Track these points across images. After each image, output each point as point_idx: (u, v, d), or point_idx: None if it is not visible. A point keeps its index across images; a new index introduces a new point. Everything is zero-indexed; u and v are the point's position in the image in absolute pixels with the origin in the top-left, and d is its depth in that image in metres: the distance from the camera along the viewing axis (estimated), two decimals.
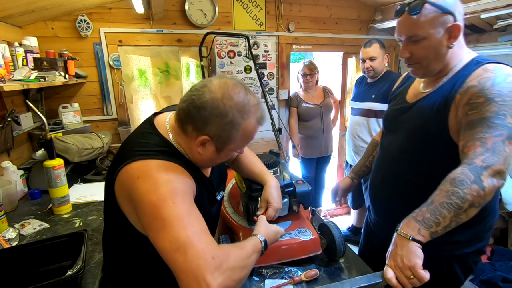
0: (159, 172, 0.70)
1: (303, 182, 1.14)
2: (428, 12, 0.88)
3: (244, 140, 0.80)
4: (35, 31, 2.09)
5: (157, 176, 0.69)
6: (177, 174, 0.73)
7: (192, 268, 0.60)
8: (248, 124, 0.77)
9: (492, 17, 2.26)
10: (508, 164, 0.76)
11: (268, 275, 1.01)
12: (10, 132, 1.68)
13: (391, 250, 0.80)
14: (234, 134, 0.76)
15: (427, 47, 0.91)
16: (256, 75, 2.66)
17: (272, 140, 2.88)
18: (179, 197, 0.69)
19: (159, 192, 0.67)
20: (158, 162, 0.72)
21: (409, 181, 1.03)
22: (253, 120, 0.78)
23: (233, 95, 0.74)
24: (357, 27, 3.09)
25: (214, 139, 0.76)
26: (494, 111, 0.78)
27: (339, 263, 1.11)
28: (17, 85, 1.36)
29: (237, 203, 1.26)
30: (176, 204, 0.67)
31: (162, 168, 0.72)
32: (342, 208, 3.53)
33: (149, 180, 0.69)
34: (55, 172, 1.37)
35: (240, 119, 0.75)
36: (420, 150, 0.98)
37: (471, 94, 0.84)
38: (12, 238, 1.17)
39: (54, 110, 2.17)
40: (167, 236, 0.64)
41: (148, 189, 0.68)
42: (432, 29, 0.89)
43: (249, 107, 0.76)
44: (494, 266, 1.93)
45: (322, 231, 1.14)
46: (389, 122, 1.16)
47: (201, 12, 2.49)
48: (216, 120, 0.73)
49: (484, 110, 0.79)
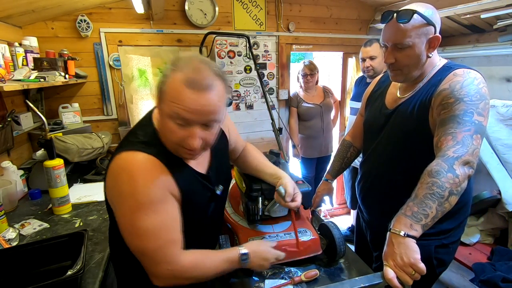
0: (140, 174, 0.72)
1: (303, 182, 1.14)
2: (416, 22, 0.94)
3: (170, 101, 0.69)
4: (35, 31, 2.09)
5: (138, 179, 0.72)
6: (156, 176, 0.74)
7: (152, 271, 0.76)
8: (174, 78, 0.69)
9: (492, 17, 2.26)
10: (475, 155, 0.83)
11: (268, 275, 1.01)
12: (10, 132, 1.68)
13: (387, 250, 0.80)
14: (163, 89, 0.71)
15: (411, 55, 0.98)
16: (256, 75, 2.66)
17: (272, 140, 2.88)
18: (153, 208, 0.73)
19: (135, 198, 0.71)
20: (143, 157, 0.74)
21: (397, 181, 1.08)
22: (180, 74, 0.68)
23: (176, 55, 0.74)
24: (357, 27, 3.09)
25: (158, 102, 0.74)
26: (463, 109, 0.87)
27: (339, 263, 1.11)
28: (17, 85, 1.36)
29: (237, 203, 1.26)
30: (148, 216, 0.72)
31: (143, 167, 0.73)
32: (342, 208, 3.54)
33: (130, 180, 0.72)
34: (55, 172, 1.37)
35: (170, 71, 0.70)
36: (404, 152, 1.05)
37: (443, 96, 0.92)
38: (12, 238, 1.17)
39: (54, 110, 2.17)
40: (135, 242, 0.75)
41: (128, 191, 0.72)
42: (417, 38, 0.95)
43: (184, 60, 0.71)
44: (494, 266, 1.92)
45: (322, 231, 1.14)
46: (371, 127, 1.20)
47: (201, 12, 2.49)
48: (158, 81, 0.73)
49: (454, 109, 0.88)
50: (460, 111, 0.87)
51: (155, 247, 0.73)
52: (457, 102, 0.88)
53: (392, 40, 0.99)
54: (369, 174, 1.19)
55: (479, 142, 0.85)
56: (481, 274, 1.86)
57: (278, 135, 2.28)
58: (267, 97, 2.35)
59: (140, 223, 0.72)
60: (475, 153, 0.83)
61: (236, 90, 2.77)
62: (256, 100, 2.86)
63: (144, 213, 0.72)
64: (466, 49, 2.75)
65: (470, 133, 0.84)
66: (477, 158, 0.84)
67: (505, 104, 2.34)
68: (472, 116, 0.86)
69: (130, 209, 0.72)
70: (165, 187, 0.76)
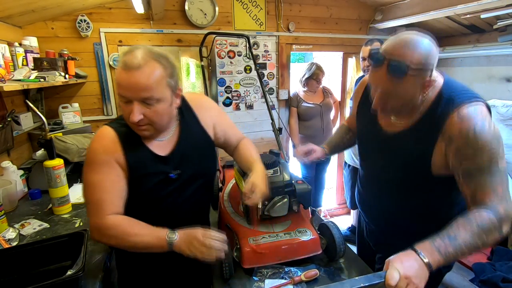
0: (96, 140, 0.93)
1: (303, 182, 1.14)
2: (411, 74, 0.86)
3: (116, 83, 0.88)
4: (35, 31, 2.09)
5: (93, 143, 0.93)
6: (107, 144, 0.91)
7: (89, 221, 0.92)
8: (118, 66, 0.86)
9: (492, 17, 2.26)
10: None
11: (268, 275, 1.01)
12: (10, 132, 1.68)
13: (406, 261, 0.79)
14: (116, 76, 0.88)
15: (402, 98, 0.92)
16: (256, 75, 2.66)
17: (272, 140, 2.88)
18: (96, 168, 0.90)
19: (87, 156, 0.92)
20: (105, 129, 0.93)
21: (398, 199, 1.08)
22: (121, 61, 0.85)
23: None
24: (357, 27, 3.09)
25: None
26: (488, 160, 0.84)
27: (339, 263, 1.11)
28: (17, 85, 1.36)
29: (237, 203, 1.26)
30: (91, 173, 0.90)
31: (101, 136, 0.93)
32: (342, 208, 3.54)
33: (90, 144, 0.94)
34: (55, 172, 1.37)
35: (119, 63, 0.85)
36: (403, 178, 1.04)
37: (458, 145, 0.87)
38: (12, 238, 1.17)
39: (54, 110, 2.17)
40: (83, 192, 0.94)
41: (87, 151, 0.94)
42: (410, 88, 0.89)
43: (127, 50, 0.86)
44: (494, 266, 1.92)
45: (322, 231, 1.14)
46: (367, 143, 1.18)
47: (201, 12, 2.49)
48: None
49: (479, 162, 0.85)
50: (486, 162, 0.84)
51: (91, 200, 0.91)
52: (479, 153, 0.85)
53: (382, 88, 0.92)
54: (369, 189, 1.19)
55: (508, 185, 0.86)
56: (481, 274, 1.86)
57: (278, 135, 2.28)
58: (267, 97, 2.35)
59: (86, 176, 0.91)
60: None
61: (236, 90, 2.78)
62: (256, 100, 2.86)
63: (89, 168, 0.91)
64: (466, 49, 2.76)
65: (505, 183, 0.85)
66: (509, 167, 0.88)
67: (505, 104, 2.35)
68: (498, 164, 0.85)
69: (84, 164, 0.92)
70: (111, 154, 0.90)
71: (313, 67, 2.70)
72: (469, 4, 2.10)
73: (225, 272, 0.99)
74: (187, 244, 0.86)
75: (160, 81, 0.86)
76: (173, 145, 1.00)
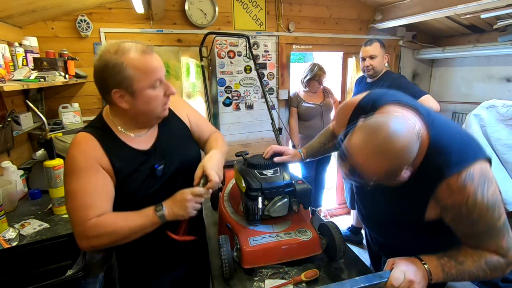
0: (73, 146, 0.89)
1: (303, 182, 1.14)
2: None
3: (144, 73, 0.86)
4: (35, 31, 2.09)
5: (71, 150, 0.89)
6: (85, 148, 0.89)
7: (74, 233, 0.87)
8: (131, 59, 0.84)
9: (492, 17, 2.26)
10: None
11: (268, 275, 1.01)
12: (10, 132, 1.68)
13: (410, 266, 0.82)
14: (128, 73, 0.84)
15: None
16: (256, 75, 2.66)
17: (272, 140, 2.88)
18: (76, 174, 0.86)
19: (66, 165, 0.89)
20: (81, 135, 0.91)
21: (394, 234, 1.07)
22: (134, 53, 0.85)
23: (103, 49, 0.86)
24: (357, 27, 3.09)
25: (121, 87, 0.86)
26: (486, 228, 0.81)
27: (339, 263, 1.11)
28: (17, 85, 1.36)
29: (237, 203, 1.26)
30: (72, 181, 0.87)
31: (78, 142, 0.90)
32: (342, 208, 3.54)
33: (68, 152, 0.90)
34: (55, 172, 1.37)
35: (121, 59, 0.83)
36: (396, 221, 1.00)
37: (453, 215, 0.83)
38: (12, 238, 1.17)
39: (54, 110, 2.17)
40: (65, 204, 0.90)
41: (66, 160, 0.90)
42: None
43: (122, 46, 0.85)
44: None
45: (322, 231, 1.14)
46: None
47: (201, 12, 2.49)
48: (106, 73, 0.84)
49: (476, 230, 0.82)
50: (483, 229, 0.81)
51: (72, 207, 0.87)
52: (475, 223, 0.81)
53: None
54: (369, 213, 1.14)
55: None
56: None
57: (278, 135, 2.28)
58: (267, 97, 2.35)
59: (67, 186, 0.88)
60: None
61: (236, 90, 2.77)
62: (256, 100, 2.86)
63: (70, 177, 0.87)
64: (466, 49, 2.76)
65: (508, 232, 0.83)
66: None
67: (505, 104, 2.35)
68: (496, 225, 0.81)
69: (64, 174, 0.89)
70: (93, 158, 0.88)
71: (315, 68, 2.70)
72: (469, 4, 2.10)
73: (225, 272, 0.99)
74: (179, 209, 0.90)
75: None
76: (153, 139, 1.01)
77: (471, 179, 0.77)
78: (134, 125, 0.97)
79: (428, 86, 3.46)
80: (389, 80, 2.19)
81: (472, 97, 2.98)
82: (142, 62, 0.85)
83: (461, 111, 3.02)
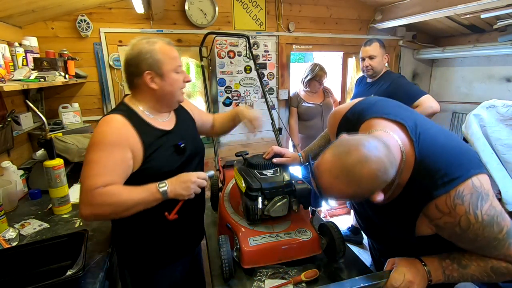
0: (105, 125, 0.97)
1: (303, 182, 1.14)
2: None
3: (169, 58, 1.05)
4: (35, 31, 2.09)
5: (102, 128, 0.97)
6: (119, 128, 0.97)
7: (80, 197, 0.92)
8: (160, 46, 1.04)
9: (492, 17, 2.27)
10: None
11: (268, 275, 1.01)
12: (10, 132, 1.68)
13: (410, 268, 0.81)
14: (158, 57, 1.02)
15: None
16: (256, 75, 2.66)
17: (272, 140, 2.88)
18: (102, 147, 0.94)
19: (93, 139, 0.96)
20: (114, 116, 0.99)
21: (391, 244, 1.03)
22: (162, 43, 1.06)
23: (134, 41, 1.07)
24: (357, 27, 3.09)
25: (152, 68, 1.02)
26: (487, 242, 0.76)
27: (339, 263, 1.11)
28: (17, 85, 1.36)
29: (237, 203, 1.26)
30: (95, 152, 0.94)
31: (111, 120, 0.98)
32: (342, 208, 3.53)
33: (98, 129, 0.98)
34: (55, 172, 1.37)
35: (152, 46, 1.03)
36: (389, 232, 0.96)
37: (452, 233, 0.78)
38: (12, 238, 1.17)
39: (54, 110, 2.17)
40: (81, 173, 0.95)
41: (94, 134, 0.98)
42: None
43: (151, 38, 1.07)
44: None
45: (322, 231, 1.14)
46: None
47: (201, 12, 2.49)
48: (140, 58, 1.02)
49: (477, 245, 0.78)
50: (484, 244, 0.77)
51: (85, 175, 0.92)
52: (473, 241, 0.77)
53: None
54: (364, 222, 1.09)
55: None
56: None
57: (278, 135, 2.28)
58: (267, 97, 2.35)
59: (88, 155, 0.94)
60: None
61: (236, 90, 2.77)
62: (256, 100, 2.86)
63: (93, 148, 0.94)
64: (466, 49, 2.76)
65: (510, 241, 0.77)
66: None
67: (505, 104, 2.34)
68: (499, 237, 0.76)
69: (88, 146, 0.96)
70: (124, 136, 0.96)
71: (316, 68, 2.69)
72: (469, 4, 2.10)
73: (225, 272, 0.99)
74: (181, 188, 0.97)
75: None
76: (173, 123, 1.15)
77: (461, 199, 0.72)
78: (157, 108, 1.10)
79: (428, 86, 3.46)
80: (389, 80, 2.19)
81: (472, 97, 2.98)
82: (168, 49, 1.05)
83: (461, 111, 3.02)
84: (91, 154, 0.94)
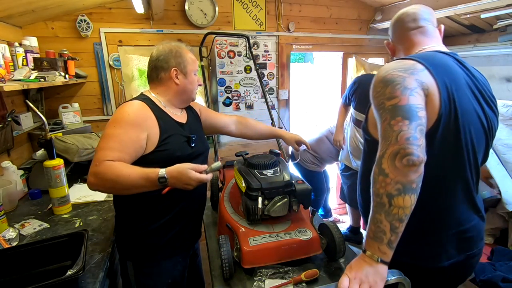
0: (128, 106, 1.06)
1: (303, 182, 1.14)
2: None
3: (193, 61, 1.21)
4: (35, 31, 2.09)
5: (124, 108, 1.06)
6: (140, 111, 1.07)
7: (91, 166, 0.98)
8: (186, 51, 1.20)
9: (492, 17, 2.26)
10: (403, 139, 0.72)
11: (268, 275, 1.01)
12: (10, 132, 1.68)
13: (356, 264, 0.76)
14: (185, 58, 1.18)
15: None
16: (256, 75, 2.66)
17: (272, 140, 2.87)
18: (121, 124, 1.02)
19: (114, 117, 1.04)
20: (137, 102, 1.10)
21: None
22: (185, 47, 1.22)
23: (163, 42, 1.20)
24: (357, 27, 3.09)
25: (179, 66, 1.17)
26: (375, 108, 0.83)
27: (339, 263, 1.11)
28: (17, 85, 1.36)
29: (237, 203, 1.26)
30: (114, 127, 1.02)
31: (134, 104, 1.08)
32: (342, 208, 3.53)
33: (120, 109, 1.06)
34: (55, 172, 1.37)
35: (179, 48, 1.19)
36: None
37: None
38: (12, 238, 1.17)
39: (54, 110, 2.17)
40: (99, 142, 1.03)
41: (116, 113, 1.06)
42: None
43: (176, 42, 1.22)
44: (494, 266, 1.93)
45: (322, 231, 1.14)
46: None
47: (201, 12, 2.49)
48: (170, 55, 1.16)
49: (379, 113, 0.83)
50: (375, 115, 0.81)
51: (100, 147, 1.00)
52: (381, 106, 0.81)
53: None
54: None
55: (404, 124, 0.73)
56: (481, 274, 1.86)
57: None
58: (267, 97, 2.35)
59: (107, 130, 1.02)
60: (401, 138, 0.72)
61: (236, 90, 2.78)
62: (256, 100, 2.86)
63: (113, 124, 1.02)
64: (466, 49, 2.76)
65: (386, 122, 0.76)
66: (415, 140, 0.71)
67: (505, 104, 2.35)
68: (384, 107, 0.78)
69: (109, 122, 1.04)
70: (143, 118, 1.05)
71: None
72: (469, 4, 2.10)
73: (225, 272, 0.99)
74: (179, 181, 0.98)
75: None
76: (186, 118, 1.25)
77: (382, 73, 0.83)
78: (174, 102, 1.21)
79: None
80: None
81: None
82: (191, 54, 1.22)
83: None
84: (110, 129, 1.01)
